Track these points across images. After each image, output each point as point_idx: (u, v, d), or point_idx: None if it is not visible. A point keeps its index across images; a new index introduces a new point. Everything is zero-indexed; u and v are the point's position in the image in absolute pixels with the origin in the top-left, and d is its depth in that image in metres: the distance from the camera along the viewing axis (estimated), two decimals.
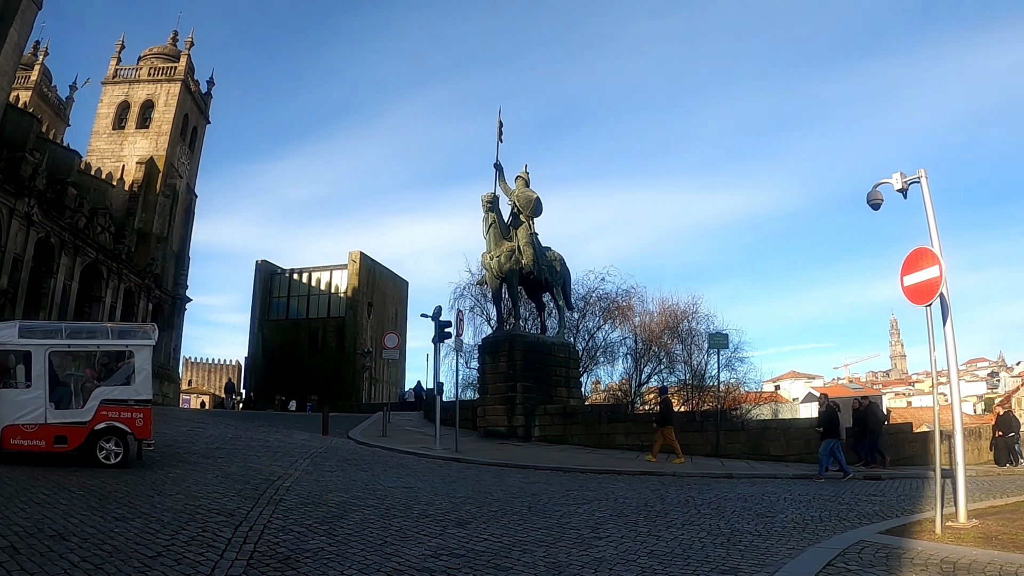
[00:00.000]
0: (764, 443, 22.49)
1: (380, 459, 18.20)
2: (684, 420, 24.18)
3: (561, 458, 20.08)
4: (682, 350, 38.59)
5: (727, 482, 16.78)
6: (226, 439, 20.14)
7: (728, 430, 23.34)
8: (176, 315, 60.78)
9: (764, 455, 21.92)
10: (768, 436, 22.91)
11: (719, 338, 25.17)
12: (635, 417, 25.56)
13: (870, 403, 22.38)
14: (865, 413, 21.39)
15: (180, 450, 16.77)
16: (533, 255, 27.06)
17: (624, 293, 39.52)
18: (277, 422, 29.54)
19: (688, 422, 23.99)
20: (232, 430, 23.44)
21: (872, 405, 22.32)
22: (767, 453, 22.01)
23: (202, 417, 28.94)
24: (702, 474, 17.90)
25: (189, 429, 22.53)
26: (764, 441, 22.62)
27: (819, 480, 17.03)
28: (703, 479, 17.21)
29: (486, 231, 27.34)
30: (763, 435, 23.06)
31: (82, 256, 46.40)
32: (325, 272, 67.94)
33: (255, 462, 15.59)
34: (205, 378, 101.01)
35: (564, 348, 28.32)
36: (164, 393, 53.79)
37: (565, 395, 27.14)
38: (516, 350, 25.68)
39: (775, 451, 22.08)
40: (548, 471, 17.57)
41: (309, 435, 23.52)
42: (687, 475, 17.65)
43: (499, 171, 28.40)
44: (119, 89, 62.97)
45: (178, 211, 61.90)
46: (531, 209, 27.84)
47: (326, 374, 63.41)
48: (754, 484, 16.21)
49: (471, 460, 18.77)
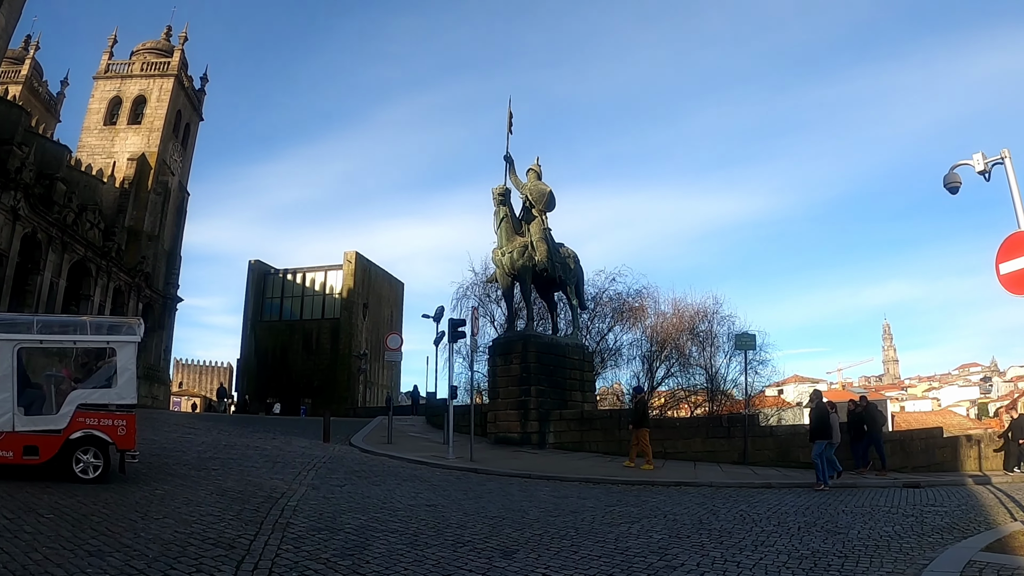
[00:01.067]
0: (793, 449, 21.03)
1: (391, 470, 16.40)
2: (710, 426, 22.72)
3: (585, 468, 18.41)
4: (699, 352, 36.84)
5: (769, 493, 15.35)
6: (220, 447, 18.29)
7: (756, 436, 21.99)
8: (167, 315, 58.76)
9: (793, 462, 20.54)
10: (797, 442, 21.11)
11: (746, 339, 23.48)
12: (657, 423, 23.85)
13: (867, 404, 20.97)
14: (862, 415, 20.09)
15: (169, 460, 14.93)
16: (547, 251, 25.34)
17: (636, 294, 37.88)
18: (273, 427, 27.68)
19: (714, 428, 22.54)
20: (226, 436, 21.59)
21: (871, 406, 20.89)
22: (796, 460, 20.52)
23: (193, 422, 27.04)
24: (739, 484, 16.38)
25: (179, 435, 20.67)
26: (793, 447, 21.13)
27: (820, 489, 15.66)
28: (741, 490, 15.76)
29: (497, 226, 25.61)
30: (792, 441, 21.51)
31: (70, 253, 44.44)
32: (319, 272, 66.03)
33: (254, 475, 13.77)
34: (196, 380, 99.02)
35: (579, 350, 26.59)
36: (154, 396, 51.85)
37: (580, 399, 25.43)
38: (530, 351, 23.93)
39: (805, 458, 19.84)
40: (577, 483, 15.99)
41: (309, 442, 21.69)
42: (724, 485, 16.20)
43: (509, 163, 26.71)
44: (111, 84, 61.07)
45: (170, 209, 59.94)
46: (544, 203, 26.13)
47: (320, 377, 61.55)
48: (798, 495, 14.84)
49: (490, 471, 17.03)
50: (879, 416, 20.81)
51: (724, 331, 36.30)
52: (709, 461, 21.06)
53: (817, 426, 16.69)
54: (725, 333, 36.11)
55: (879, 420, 20.57)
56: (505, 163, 26.69)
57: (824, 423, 16.63)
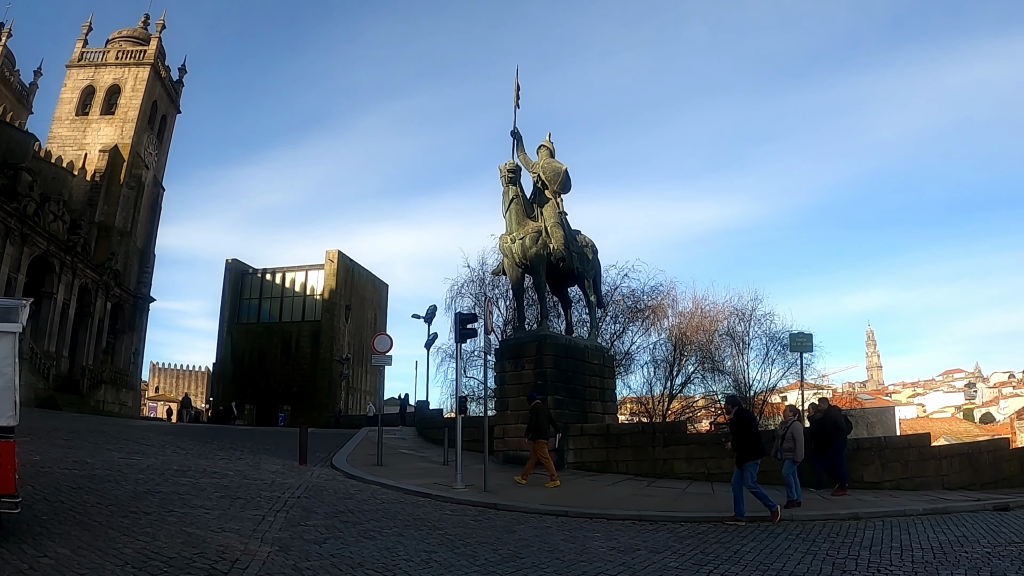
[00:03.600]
0: (856, 467, 17.27)
1: (386, 509, 12.15)
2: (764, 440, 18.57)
3: (626, 498, 14.41)
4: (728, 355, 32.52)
5: (863, 526, 11.92)
6: (168, 473, 13.95)
7: None
8: (138, 316, 54.04)
9: (857, 482, 16.76)
10: (861, 459, 17.56)
11: (802, 340, 19.59)
12: (699, 438, 19.95)
13: (829, 407, 17.19)
14: (824, 421, 16.37)
15: (90, 498, 10.61)
16: (563, 238, 21.25)
17: (652, 291, 33.37)
18: (241, 443, 23.16)
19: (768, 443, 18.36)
20: (180, 456, 17.21)
21: (833, 409, 17.10)
22: (860, 479, 16.87)
23: (149, 436, 22.54)
24: (825, 516, 12.71)
25: (123, 456, 16.26)
26: (856, 465, 17.35)
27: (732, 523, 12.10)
28: (828, 522, 12.28)
29: (506, 208, 21.48)
30: (854, 457, 17.60)
31: (31, 246, 39.81)
32: (300, 272, 61.37)
33: (200, 523, 9.51)
34: (173, 385, 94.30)
35: (598, 353, 22.45)
36: (122, 402, 47.12)
37: (600, 411, 21.37)
38: (546, 355, 19.82)
39: (869, 477, 17.12)
40: (628, 521, 12.09)
41: (282, 463, 17.33)
42: (808, 519, 12.46)
43: (517, 140, 22.65)
44: (84, 73, 56.49)
45: (143, 204, 55.34)
46: (560, 183, 22.04)
47: (299, 383, 57.02)
48: (905, 528, 11.57)
49: (513, 506, 12.92)
50: (843, 422, 16.77)
51: (761, 331, 32.18)
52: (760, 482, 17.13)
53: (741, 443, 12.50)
54: (763, 333, 32.01)
55: (843, 427, 16.57)
56: (512, 139, 22.63)
57: (751, 438, 12.53)
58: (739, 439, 12.41)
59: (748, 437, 12.37)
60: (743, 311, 32.50)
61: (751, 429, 12.62)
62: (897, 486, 16.73)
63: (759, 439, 12.58)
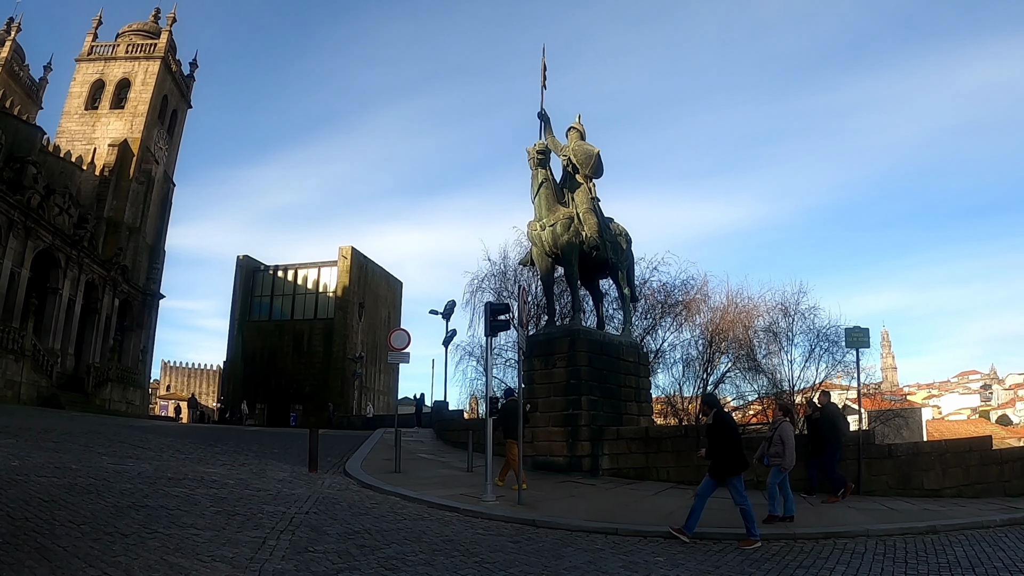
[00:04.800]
0: (916, 474, 15.80)
1: (410, 527, 10.33)
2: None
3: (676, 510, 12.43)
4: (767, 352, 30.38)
5: (945, 540, 10.47)
6: (159, 482, 12.15)
7: (871, 458, 16.24)
8: (147, 313, 52.41)
9: (916, 489, 15.44)
10: (920, 464, 16.00)
11: (858, 335, 17.55)
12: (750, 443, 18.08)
13: (827, 403, 15.35)
14: (820, 420, 14.77)
15: (64, 512, 8.81)
16: (597, 225, 19.39)
17: (683, 284, 31.26)
18: (247, 445, 21.35)
19: None
20: (177, 461, 15.41)
21: (831, 406, 15.28)
22: (920, 486, 15.48)
23: (148, 438, 20.77)
24: (903, 531, 11.01)
25: (114, 461, 14.46)
26: (915, 471, 15.86)
27: None
28: (907, 537, 10.68)
29: (535, 193, 19.63)
30: (914, 463, 16.11)
31: (35, 240, 38.19)
32: (312, 269, 59.60)
33: (186, 547, 7.72)
34: (185, 383, 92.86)
35: (633, 350, 20.53)
36: (128, 401, 45.47)
37: (635, 411, 19.49)
38: (579, 352, 17.95)
39: (929, 483, 15.52)
40: (690, 541, 10.33)
41: (289, 470, 15.48)
42: (885, 534, 10.81)
43: (545, 122, 20.84)
44: (94, 67, 55.10)
45: (153, 199, 53.77)
46: (592, 167, 20.16)
47: (311, 382, 55.29)
48: (994, 542, 10.21)
49: (554, 522, 11.08)
50: (842, 422, 15.01)
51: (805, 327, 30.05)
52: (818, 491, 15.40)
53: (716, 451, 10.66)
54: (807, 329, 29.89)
55: (841, 426, 14.83)
56: (540, 121, 20.82)
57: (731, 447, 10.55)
58: (716, 447, 10.58)
59: (727, 446, 10.49)
60: (787, 304, 30.27)
61: (732, 436, 10.68)
62: (958, 493, 15.36)
63: (740, 449, 10.64)
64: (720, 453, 10.46)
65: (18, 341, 34.32)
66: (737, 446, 10.55)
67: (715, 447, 10.55)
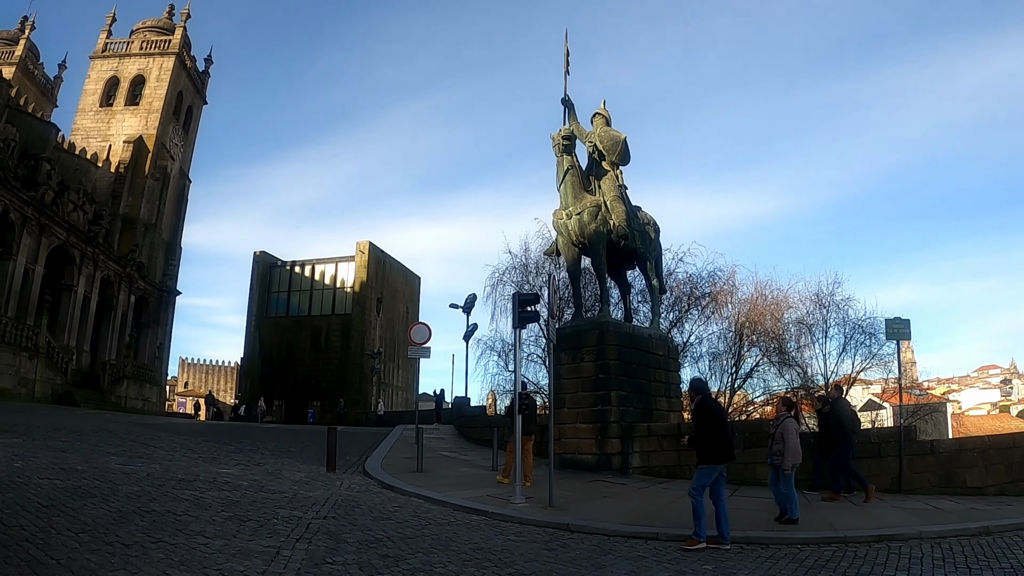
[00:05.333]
0: (958, 471, 15.29)
1: (436, 533, 9.50)
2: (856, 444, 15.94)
3: None
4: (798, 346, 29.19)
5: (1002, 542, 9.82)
6: (168, 484, 11.40)
7: (912, 455, 15.59)
8: (163, 310, 51.92)
9: (959, 486, 14.99)
10: (963, 461, 15.46)
11: (899, 326, 16.66)
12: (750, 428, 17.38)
13: (838, 398, 14.49)
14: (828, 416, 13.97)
15: (63, 518, 8.04)
16: (625, 214, 18.52)
17: (709, 276, 30.14)
18: (263, 444, 20.59)
19: (860, 446, 15.72)
20: (189, 461, 14.68)
21: (841, 402, 14.36)
22: (962, 484, 15.04)
23: (160, 436, 20.05)
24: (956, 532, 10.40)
25: (123, 461, 13.73)
26: (958, 468, 15.34)
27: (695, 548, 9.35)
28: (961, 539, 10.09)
29: (560, 181, 18.76)
30: (957, 460, 15.54)
31: (49, 237, 37.71)
32: (330, 264, 58.88)
33: (193, 559, 6.94)
34: (203, 380, 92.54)
35: (663, 343, 19.61)
36: (145, 398, 45.00)
37: (665, 407, 18.62)
38: (609, 345, 17.08)
39: (972, 481, 15.06)
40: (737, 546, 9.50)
41: (306, 471, 14.66)
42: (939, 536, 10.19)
43: (568, 108, 19.98)
44: (108, 64, 54.68)
45: (169, 196, 53.25)
46: (619, 154, 19.28)
47: (329, 378, 54.65)
48: None
49: (590, 526, 10.26)
50: (848, 417, 13.99)
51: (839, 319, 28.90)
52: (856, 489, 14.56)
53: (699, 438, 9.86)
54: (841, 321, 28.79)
55: (848, 424, 13.80)
56: (563, 108, 19.97)
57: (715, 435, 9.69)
58: (700, 435, 9.75)
59: (712, 434, 9.61)
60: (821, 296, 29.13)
61: (714, 423, 9.77)
62: (1001, 491, 14.94)
63: (725, 438, 9.74)
64: (702, 441, 9.63)
65: (32, 338, 33.84)
66: (719, 434, 9.63)
67: (698, 434, 9.76)
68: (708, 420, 9.72)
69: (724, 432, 9.76)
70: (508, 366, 31.53)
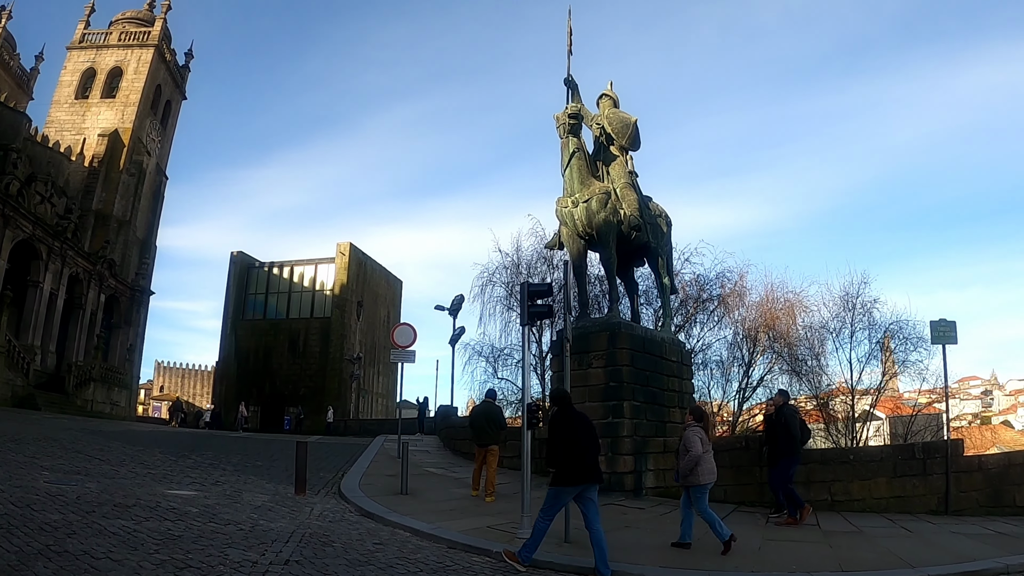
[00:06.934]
0: (1007, 488, 13.72)
1: None
2: (898, 459, 14.13)
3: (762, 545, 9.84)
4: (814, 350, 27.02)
5: None
6: (100, 508, 9.10)
7: (959, 472, 13.79)
8: (135, 310, 49.27)
9: (1008, 506, 13.50)
10: (1012, 477, 13.83)
11: (944, 328, 14.83)
12: (820, 455, 15.44)
13: (783, 403, 12.42)
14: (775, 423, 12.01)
15: None
16: (637, 203, 16.38)
17: (716, 278, 27.82)
18: (227, 456, 18.10)
19: (904, 462, 13.96)
20: (135, 478, 12.28)
21: (786, 408, 12.28)
22: (1011, 503, 13.55)
23: (113, 446, 17.55)
24: None
25: (55, 479, 11.34)
26: (1007, 486, 13.74)
27: None
28: None
29: (565, 165, 16.49)
30: (1006, 477, 13.89)
31: (13, 229, 35.11)
32: (309, 266, 56.23)
33: None
34: (179, 384, 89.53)
35: (676, 348, 17.39)
36: (114, 402, 42.31)
37: (679, 419, 16.43)
38: (620, 349, 14.90)
39: (1021, 499, 13.56)
40: None
41: (272, 492, 12.32)
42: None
43: (572, 89, 17.66)
44: (85, 55, 52.13)
45: (144, 192, 50.73)
46: (629, 137, 17.13)
47: (307, 383, 52.10)
48: None
49: (625, 572, 8.09)
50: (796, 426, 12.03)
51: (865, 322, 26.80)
52: (898, 511, 13.14)
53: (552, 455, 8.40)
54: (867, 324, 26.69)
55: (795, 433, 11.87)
56: (566, 88, 17.65)
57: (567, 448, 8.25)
58: (551, 451, 8.42)
59: (565, 449, 8.25)
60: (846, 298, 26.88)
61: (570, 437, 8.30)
62: None
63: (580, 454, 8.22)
64: (552, 457, 8.29)
65: None
66: (573, 449, 8.15)
67: (549, 450, 8.40)
68: (560, 433, 8.30)
69: (579, 447, 8.19)
70: (497, 372, 29.34)
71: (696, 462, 9.24)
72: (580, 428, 8.36)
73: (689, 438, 9.38)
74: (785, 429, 11.73)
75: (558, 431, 8.32)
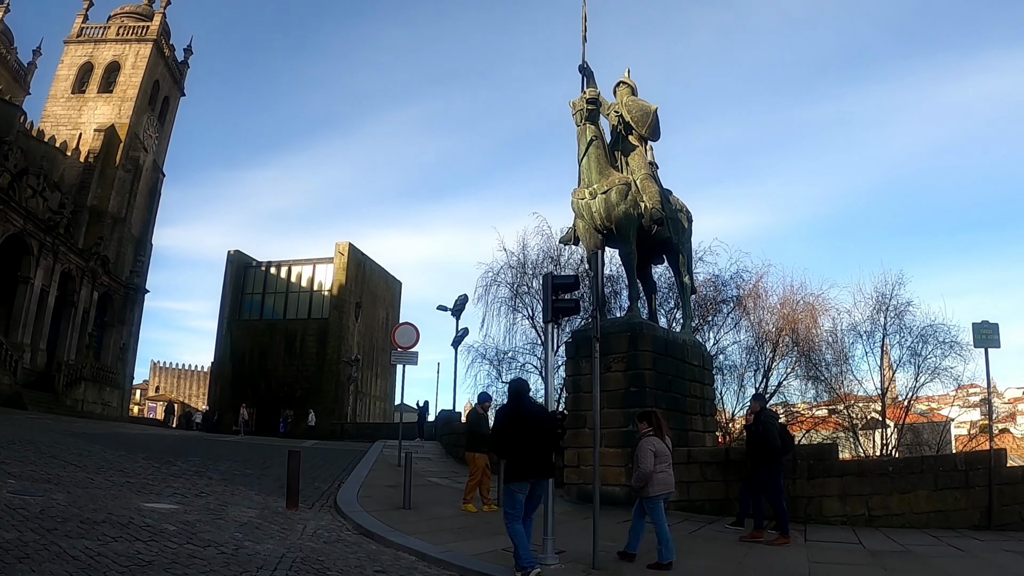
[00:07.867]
0: None
1: None
2: (939, 471, 12.79)
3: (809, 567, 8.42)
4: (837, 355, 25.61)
5: None
6: (65, 524, 7.88)
7: (1003, 484, 12.56)
8: (129, 308, 48.01)
9: None
10: None
11: (987, 331, 13.69)
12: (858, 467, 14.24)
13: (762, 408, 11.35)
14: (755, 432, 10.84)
15: None
16: (659, 195, 15.18)
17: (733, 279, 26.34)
18: (216, 463, 16.77)
19: (945, 474, 12.68)
20: (110, 488, 11.02)
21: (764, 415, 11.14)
22: None
23: (89, 452, 16.17)
24: None
25: (20, 487, 10.06)
26: None
27: None
28: None
29: (583, 153, 15.22)
30: None
31: (4, 223, 33.87)
32: (307, 266, 54.94)
33: None
34: (175, 384, 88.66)
35: (697, 351, 16.15)
36: (105, 402, 41.01)
37: (701, 427, 15.33)
38: (642, 352, 13.68)
39: None
40: None
41: (261, 505, 11.07)
42: None
43: (587, 76, 16.37)
44: (83, 49, 51.05)
45: (140, 189, 49.54)
46: (649, 127, 15.87)
47: (304, 385, 50.82)
48: None
49: None
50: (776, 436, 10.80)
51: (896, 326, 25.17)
52: (938, 526, 11.96)
53: None
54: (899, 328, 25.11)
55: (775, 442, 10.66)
56: (581, 76, 16.38)
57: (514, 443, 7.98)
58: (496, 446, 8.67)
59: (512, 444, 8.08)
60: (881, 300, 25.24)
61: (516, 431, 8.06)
62: None
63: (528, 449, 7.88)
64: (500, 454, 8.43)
65: None
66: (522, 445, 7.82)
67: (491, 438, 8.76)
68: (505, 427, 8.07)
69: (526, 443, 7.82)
70: (502, 376, 28.02)
71: (647, 480, 8.46)
72: (531, 422, 7.91)
73: (642, 450, 8.58)
74: (763, 438, 10.62)
75: (503, 424, 8.08)
